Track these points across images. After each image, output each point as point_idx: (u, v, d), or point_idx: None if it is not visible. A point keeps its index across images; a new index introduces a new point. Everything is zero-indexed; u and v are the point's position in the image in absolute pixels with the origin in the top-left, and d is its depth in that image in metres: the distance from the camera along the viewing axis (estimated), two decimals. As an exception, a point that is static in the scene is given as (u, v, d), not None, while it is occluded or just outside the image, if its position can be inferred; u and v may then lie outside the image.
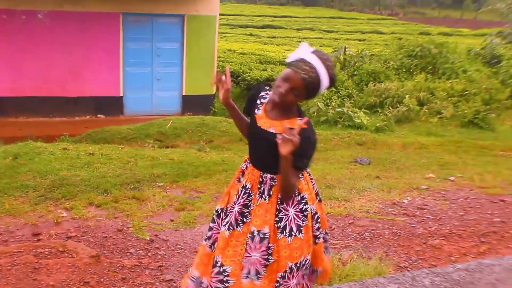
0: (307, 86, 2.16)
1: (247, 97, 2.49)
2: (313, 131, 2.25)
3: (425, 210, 4.93)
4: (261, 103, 2.39)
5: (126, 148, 7.58)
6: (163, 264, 3.62)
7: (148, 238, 4.02)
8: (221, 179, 5.82)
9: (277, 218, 2.31)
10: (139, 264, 3.58)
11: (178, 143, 9.49)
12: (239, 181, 2.45)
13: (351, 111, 11.47)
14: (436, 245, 4.09)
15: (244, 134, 2.54)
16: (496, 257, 3.72)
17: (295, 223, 2.30)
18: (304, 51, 2.18)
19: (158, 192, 5.18)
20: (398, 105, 12.68)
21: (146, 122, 10.37)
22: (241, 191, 2.39)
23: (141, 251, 3.80)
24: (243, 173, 2.45)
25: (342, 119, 11.26)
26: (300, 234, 2.31)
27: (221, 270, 2.34)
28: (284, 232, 2.29)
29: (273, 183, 2.32)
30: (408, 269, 3.64)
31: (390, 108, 12.62)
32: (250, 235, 2.31)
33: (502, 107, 13.29)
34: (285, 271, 2.29)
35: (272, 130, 2.26)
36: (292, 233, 2.30)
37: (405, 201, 5.23)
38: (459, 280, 3.23)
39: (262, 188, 2.34)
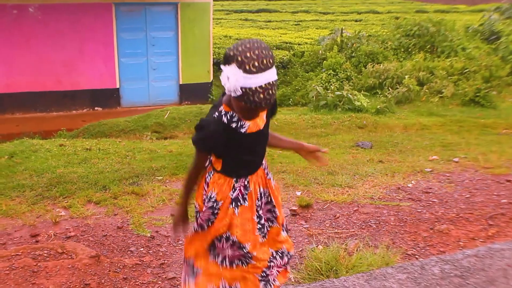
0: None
1: (209, 138, 2.21)
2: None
3: (430, 194, 4.83)
4: (239, 121, 2.18)
5: (124, 141, 7.47)
6: (165, 261, 3.53)
7: (149, 235, 3.92)
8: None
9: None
10: (141, 263, 3.49)
11: (176, 133, 9.39)
12: (245, 200, 2.37)
13: (351, 94, 11.31)
14: (443, 230, 4.00)
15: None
16: (506, 241, 3.63)
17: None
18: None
19: (158, 186, 5.07)
20: (398, 86, 12.53)
21: (143, 114, 10.27)
22: (260, 200, 2.41)
23: (142, 249, 3.71)
24: (241, 194, 2.36)
25: (342, 102, 11.11)
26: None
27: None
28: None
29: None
30: (416, 256, 3.55)
31: (390, 89, 12.47)
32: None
33: (503, 84, 13.13)
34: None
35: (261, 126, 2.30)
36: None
37: (410, 185, 5.13)
38: (469, 267, 3.14)
39: (270, 177, 2.45)
